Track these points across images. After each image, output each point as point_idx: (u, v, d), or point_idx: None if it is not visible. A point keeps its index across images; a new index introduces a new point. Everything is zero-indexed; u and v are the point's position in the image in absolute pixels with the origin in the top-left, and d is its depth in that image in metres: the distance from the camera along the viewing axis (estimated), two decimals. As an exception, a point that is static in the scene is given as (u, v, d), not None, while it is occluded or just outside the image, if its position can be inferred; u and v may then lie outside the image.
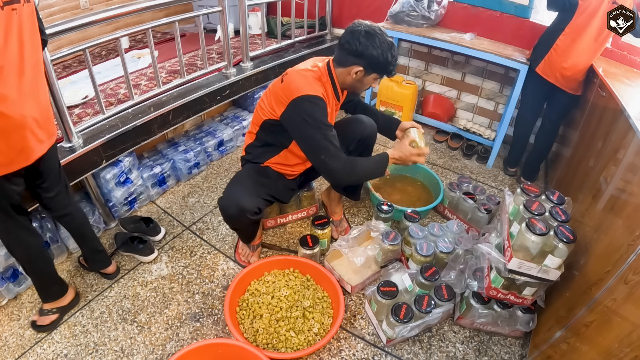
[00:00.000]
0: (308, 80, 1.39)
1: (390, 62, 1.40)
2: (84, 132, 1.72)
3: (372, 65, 1.40)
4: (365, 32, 1.35)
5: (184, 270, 1.75)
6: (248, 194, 1.47)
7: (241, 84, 2.33)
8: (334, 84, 1.48)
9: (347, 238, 1.71)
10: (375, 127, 1.69)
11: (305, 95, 1.35)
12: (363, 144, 1.68)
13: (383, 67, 1.41)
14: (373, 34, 1.36)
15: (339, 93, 1.52)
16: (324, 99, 1.39)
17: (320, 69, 1.46)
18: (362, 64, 1.39)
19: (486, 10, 2.52)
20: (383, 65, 1.41)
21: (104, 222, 1.91)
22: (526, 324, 1.46)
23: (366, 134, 1.66)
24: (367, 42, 1.35)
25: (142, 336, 1.49)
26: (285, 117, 1.40)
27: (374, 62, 1.38)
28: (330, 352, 1.47)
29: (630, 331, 0.92)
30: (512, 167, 2.56)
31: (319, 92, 1.38)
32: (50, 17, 2.42)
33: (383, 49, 1.36)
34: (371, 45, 1.35)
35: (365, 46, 1.35)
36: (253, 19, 2.76)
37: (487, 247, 1.42)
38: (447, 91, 2.94)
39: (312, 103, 1.36)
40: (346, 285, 1.66)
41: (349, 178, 1.46)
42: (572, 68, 2.00)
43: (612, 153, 1.49)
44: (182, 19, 1.94)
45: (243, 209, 1.43)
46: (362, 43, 1.35)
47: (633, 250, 0.98)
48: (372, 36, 1.35)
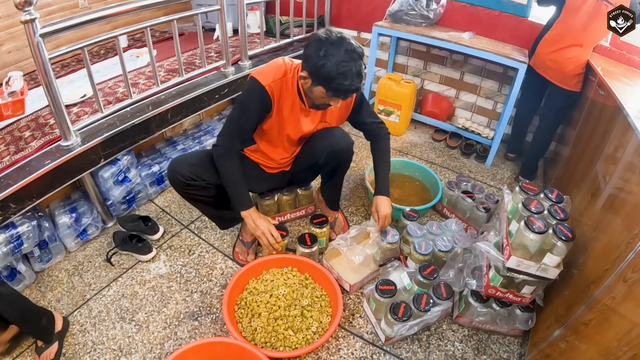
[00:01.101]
0: (269, 68, 1.41)
1: (334, 78, 1.21)
2: (82, 130, 1.72)
3: (316, 74, 1.25)
4: (326, 37, 1.22)
5: (183, 269, 1.75)
6: (190, 162, 1.49)
7: (240, 83, 2.33)
8: (299, 88, 1.42)
9: (345, 237, 1.71)
10: (350, 144, 1.56)
11: (253, 76, 1.38)
12: (334, 159, 1.58)
13: (327, 81, 1.23)
14: (330, 41, 1.20)
15: (302, 96, 1.43)
16: (268, 91, 1.37)
17: (290, 64, 1.41)
18: (307, 68, 1.28)
19: (485, 9, 2.52)
20: (326, 79, 1.23)
21: (102, 221, 1.91)
22: (525, 323, 1.46)
23: (337, 148, 1.54)
24: (317, 46, 1.22)
25: (141, 335, 1.48)
26: None
27: (317, 71, 1.23)
28: (328, 351, 1.46)
29: (629, 329, 0.92)
30: (510, 153, 2.70)
31: (267, 82, 1.37)
32: (48, 16, 2.41)
33: (331, 61, 1.19)
34: (322, 50, 1.20)
35: (312, 50, 1.23)
36: (252, 18, 2.75)
37: (486, 246, 1.42)
38: (446, 90, 2.94)
39: (250, 86, 1.38)
40: (344, 284, 1.66)
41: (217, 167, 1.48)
42: (555, 59, 2.08)
43: (610, 151, 1.49)
44: (180, 17, 1.94)
45: (175, 169, 1.46)
46: (311, 46, 1.23)
47: (632, 248, 0.98)
48: (327, 42, 1.21)
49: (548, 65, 2.13)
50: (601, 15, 1.87)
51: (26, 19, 1.35)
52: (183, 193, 1.55)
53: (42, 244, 1.65)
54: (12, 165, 1.55)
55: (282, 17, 2.74)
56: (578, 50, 2.02)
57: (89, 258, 1.78)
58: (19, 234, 1.52)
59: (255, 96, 1.39)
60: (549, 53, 2.11)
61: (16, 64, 2.37)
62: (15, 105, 1.64)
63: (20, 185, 1.46)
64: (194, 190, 1.52)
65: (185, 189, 1.51)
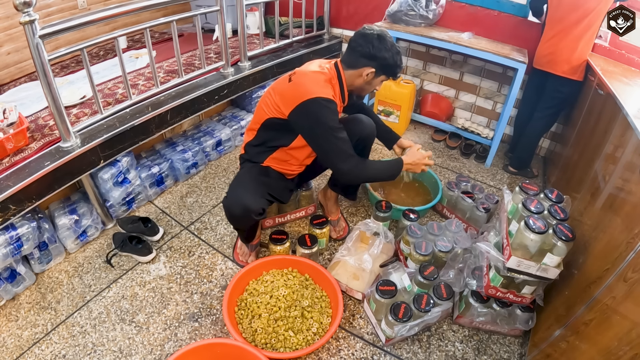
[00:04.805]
0: (319, 83, 1.41)
1: (399, 65, 1.48)
2: (81, 132, 1.72)
3: (383, 67, 1.45)
4: (378, 36, 1.42)
5: (182, 270, 1.75)
6: (252, 194, 1.47)
7: (239, 84, 2.33)
8: (342, 86, 1.50)
9: (346, 246, 1.70)
10: (374, 127, 1.69)
11: (317, 97, 1.36)
12: (361, 144, 1.67)
13: (392, 70, 1.48)
14: (384, 37, 1.43)
15: (345, 95, 1.53)
16: (334, 101, 1.41)
17: (329, 70, 1.48)
18: (374, 65, 1.45)
19: (484, 9, 2.53)
20: (392, 68, 1.47)
21: (102, 222, 1.90)
22: (525, 323, 1.46)
23: (365, 134, 1.66)
24: (380, 45, 1.41)
25: (141, 336, 1.48)
26: (295, 117, 1.41)
27: (384, 64, 1.44)
28: (329, 352, 1.46)
29: (629, 329, 0.92)
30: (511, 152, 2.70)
31: (330, 95, 1.40)
32: (48, 17, 2.41)
33: (393, 52, 1.44)
34: (384, 48, 1.42)
35: (378, 49, 1.41)
36: (251, 19, 2.76)
37: (486, 246, 1.42)
38: (445, 90, 2.94)
39: (323, 106, 1.37)
40: (356, 294, 1.63)
41: (359, 179, 1.56)
42: (553, 51, 2.13)
43: (610, 151, 1.49)
44: (179, 18, 1.94)
45: (248, 209, 1.42)
46: (375, 46, 1.41)
47: (632, 248, 0.98)
48: (384, 40, 1.42)
49: (548, 58, 2.16)
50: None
51: (25, 20, 1.35)
52: (254, 222, 1.54)
53: (41, 245, 1.65)
54: (11, 166, 1.54)
55: (282, 18, 2.74)
56: (572, 36, 2.05)
57: (89, 259, 1.78)
58: (18, 235, 1.52)
59: (332, 111, 1.40)
60: (548, 46, 2.16)
61: (15, 65, 2.38)
62: (17, 136, 1.62)
63: (20, 186, 1.46)
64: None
65: (258, 220, 1.53)
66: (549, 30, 2.15)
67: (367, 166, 1.49)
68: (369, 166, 1.50)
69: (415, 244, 1.64)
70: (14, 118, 1.66)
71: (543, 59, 2.20)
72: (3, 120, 1.64)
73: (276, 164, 1.61)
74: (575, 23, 2.01)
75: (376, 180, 1.71)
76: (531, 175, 2.53)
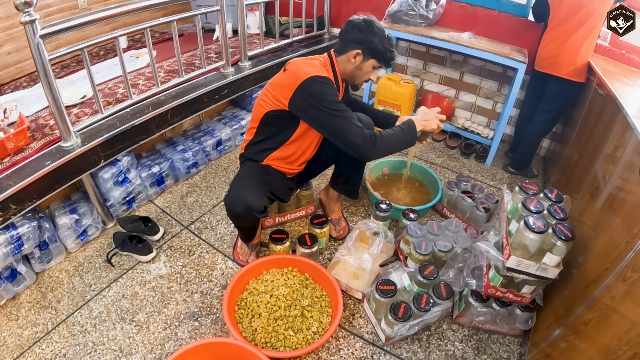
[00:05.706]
0: (314, 66, 1.43)
1: (388, 50, 1.46)
2: (82, 131, 1.72)
3: (371, 50, 1.45)
4: (364, 20, 1.45)
5: (183, 269, 1.75)
6: (254, 191, 1.47)
7: (239, 84, 2.33)
8: (335, 73, 1.51)
9: (346, 246, 1.70)
10: (372, 125, 1.68)
11: (314, 76, 1.36)
12: None
13: (381, 54, 1.47)
14: (371, 22, 1.45)
15: (339, 83, 1.54)
16: (332, 80, 1.41)
17: (323, 58, 1.51)
18: (360, 48, 1.45)
19: (484, 9, 2.53)
20: (381, 52, 1.46)
21: (102, 222, 1.91)
22: (525, 322, 1.46)
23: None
24: (366, 28, 1.44)
25: (141, 336, 1.48)
26: (295, 101, 1.39)
27: (371, 46, 1.44)
28: (329, 351, 1.47)
29: (629, 329, 0.93)
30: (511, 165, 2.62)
31: (326, 75, 1.40)
32: (48, 17, 2.42)
33: (380, 36, 1.44)
34: (370, 32, 1.43)
35: (363, 32, 1.43)
36: (251, 19, 2.76)
37: (486, 246, 1.42)
38: (446, 90, 2.94)
39: (322, 83, 1.37)
40: (356, 293, 1.64)
41: (376, 152, 1.42)
42: (556, 53, 2.12)
43: (610, 151, 1.49)
44: (180, 18, 1.94)
45: (250, 206, 1.42)
46: (361, 29, 1.44)
47: (631, 247, 0.98)
48: (370, 24, 1.45)
49: (551, 60, 2.15)
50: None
51: (26, 20, 1.35)
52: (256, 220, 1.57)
53: (42, 244, 1.65)
54: (12, 166, 1.55)
55: (282, 18, 2.74)
56: (575, 37, 2.04)
57: (89, 259, 1.78)
58: (19, 234, 1.52)
59: (331, 87, 1.38)
60: (550, 48, 2.15)
61: (16, 65, 2.38)
62: (18, 136, 1.62)
63: (21, 186, 1.46)
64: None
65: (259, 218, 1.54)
66: (551, 32, 2.14)
67: (380, 138, 1.40)
68: (382, 137, 1.41)
69: (415, 244, 1.64)
70: (14, 118, 1.67)
71: (546, 62, 2.18)
72: (4, 120, 1.64)
73: (276, 163, 1.60)
74: (578, 24, 2.00)
75: (394, 147, 1.51)
76: (531, 175, 2.53)
